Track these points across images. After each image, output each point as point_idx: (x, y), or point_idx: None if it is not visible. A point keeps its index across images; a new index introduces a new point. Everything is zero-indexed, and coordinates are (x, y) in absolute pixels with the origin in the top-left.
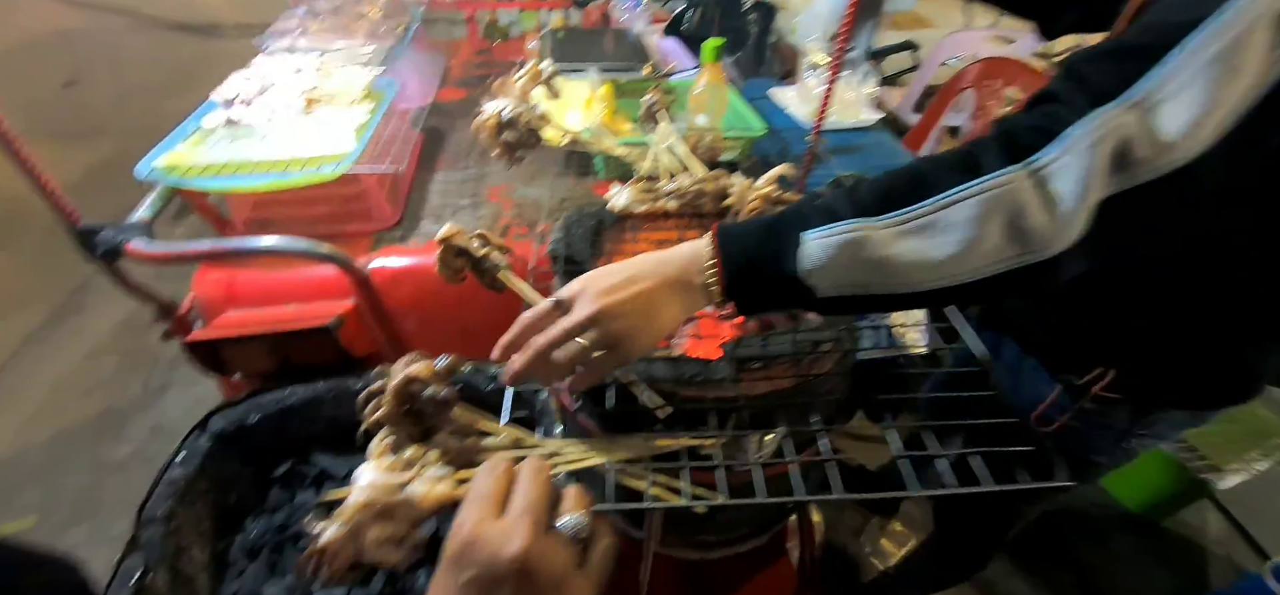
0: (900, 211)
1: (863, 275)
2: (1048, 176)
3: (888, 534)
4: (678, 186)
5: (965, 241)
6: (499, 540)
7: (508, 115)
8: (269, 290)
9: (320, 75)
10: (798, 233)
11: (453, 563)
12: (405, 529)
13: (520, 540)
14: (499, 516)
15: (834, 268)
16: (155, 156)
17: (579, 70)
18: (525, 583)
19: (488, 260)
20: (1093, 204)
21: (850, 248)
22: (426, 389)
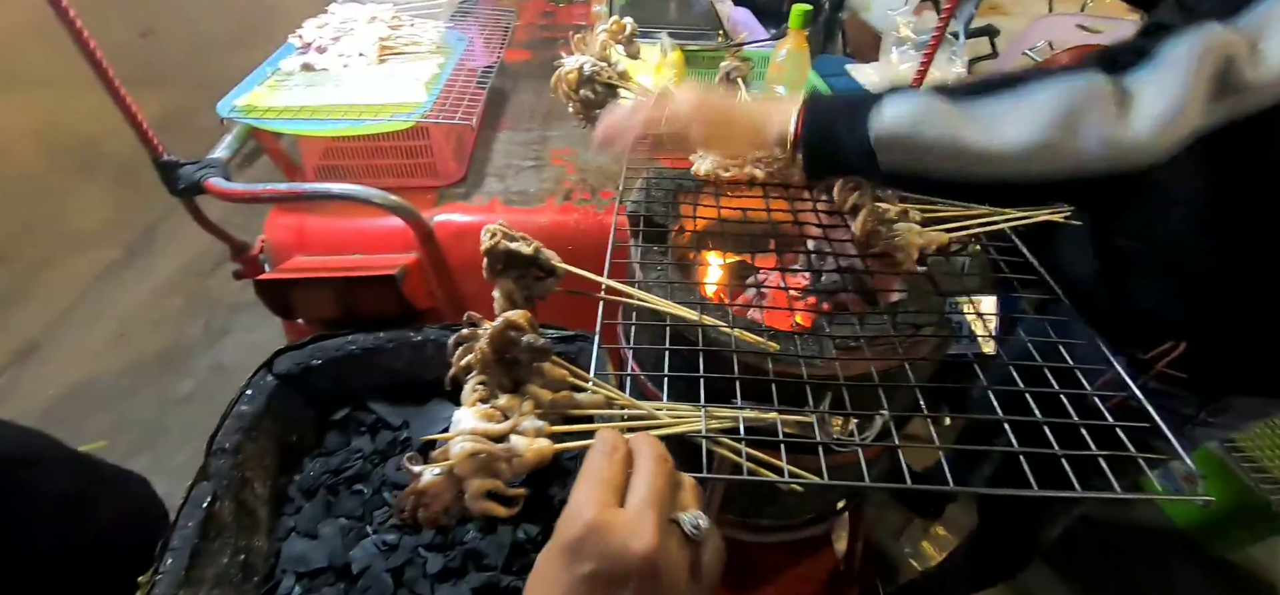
0: (978, 96)
1: (929, 145)
2: (1138, 90)
3: (930, 537)
4: (768, 155)
5: (1036, 132)
6: (624, 533)
7: (588, 71)
8: (336, 238)
9: (393, 25)
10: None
11: (569, 550)
12: (505, 482)
13: (648, 537)
14: (619, 504)
15: (903, 133)
16: (235, 97)
17: (650, 35)
18: (648, 584)
19: (540, 255)
20: (1189, 128)
21: (925, 115)
22: (524, 337)
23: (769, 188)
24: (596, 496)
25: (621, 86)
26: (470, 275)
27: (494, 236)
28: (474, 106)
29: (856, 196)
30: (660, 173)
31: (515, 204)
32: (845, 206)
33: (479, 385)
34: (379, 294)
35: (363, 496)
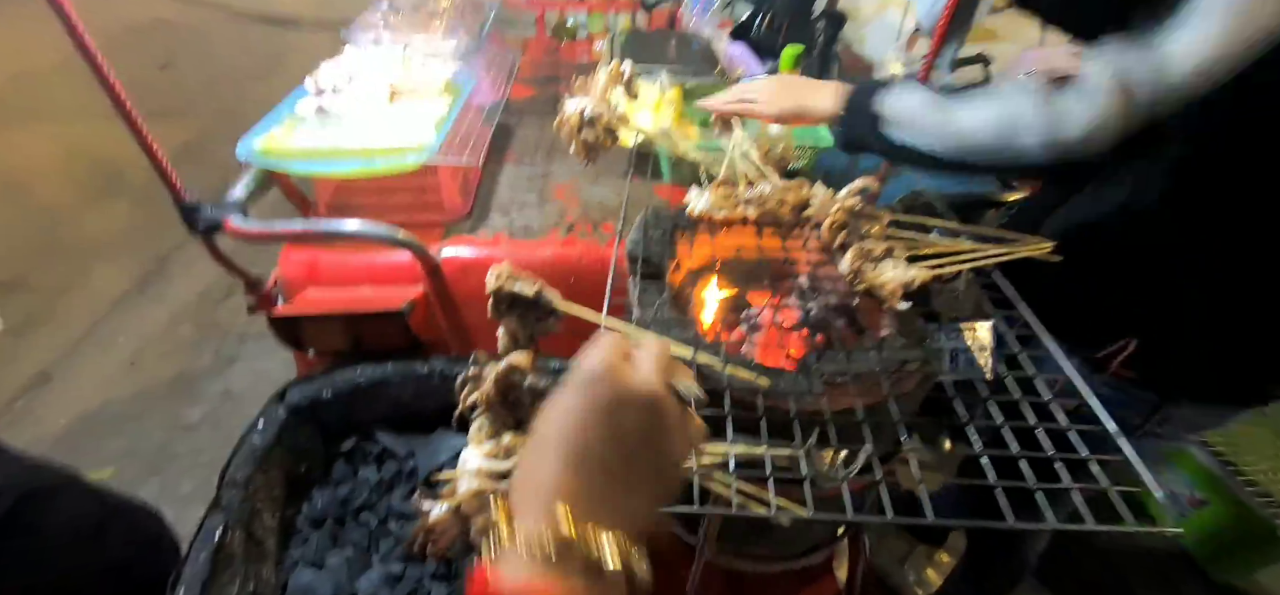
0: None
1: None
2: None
3: (934, 564)
4: (759, 194)
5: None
6: (634, 376)
7: (590, 114)
8: (347, 272)
9: (403, 68)
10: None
11: (586, 384)
12: None
13: (653, 381)
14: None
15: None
16: (253, 138)
17: (649, 73)
18: (649, 415)
19: (542, 296)
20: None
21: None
22: (526, 379)
23: (761, 226)
24: (610, 355)
25: (621, 127)
26: (475, 307)
27: (499, 279)
28: (480, 146)
29: (844, 234)
30: (658, 211)
31: (519, 238)
32: (834, 244)
33: (485, 423)
34: (387, 327)
35: (369, 527)
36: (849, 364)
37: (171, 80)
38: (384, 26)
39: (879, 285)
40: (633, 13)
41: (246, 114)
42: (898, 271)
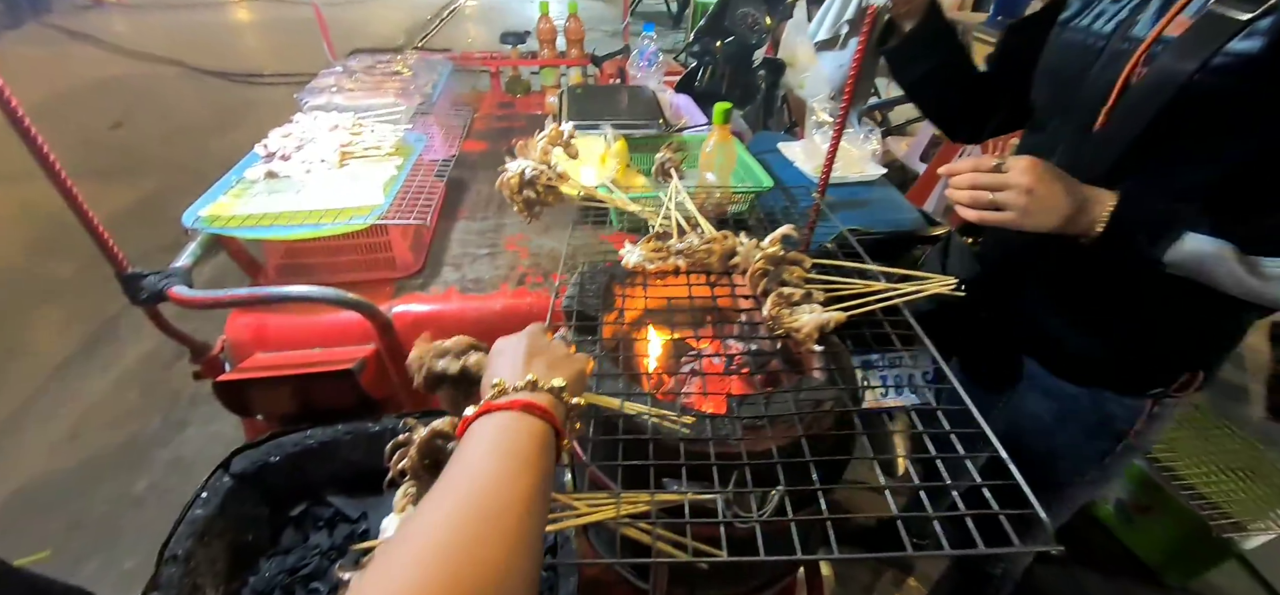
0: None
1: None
2: None
3: (903, 591)
4: (688, 246)
5: None
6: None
7: (529, 175)
8: (296, 334)
9: (354, 132)
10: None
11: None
12: None
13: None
14: None
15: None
16: (200, 207)
17: (595, 127)
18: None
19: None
20: None
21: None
22: (449, 443)
23: (691, 275)
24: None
25: (561, 186)
26: None
27: (421, 368)
28: (430, 203)
29: (765, 282)
30: (594, 266)
31: (470, 291)
32: (757, 291)
33: (409, 490)
34: (338, 388)
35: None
36: (766, 407)
37: (125, 138)
38: (336, 90)
39: (795, 329)
40: (583, 68)
41: (204, 169)
42: (813, 316)
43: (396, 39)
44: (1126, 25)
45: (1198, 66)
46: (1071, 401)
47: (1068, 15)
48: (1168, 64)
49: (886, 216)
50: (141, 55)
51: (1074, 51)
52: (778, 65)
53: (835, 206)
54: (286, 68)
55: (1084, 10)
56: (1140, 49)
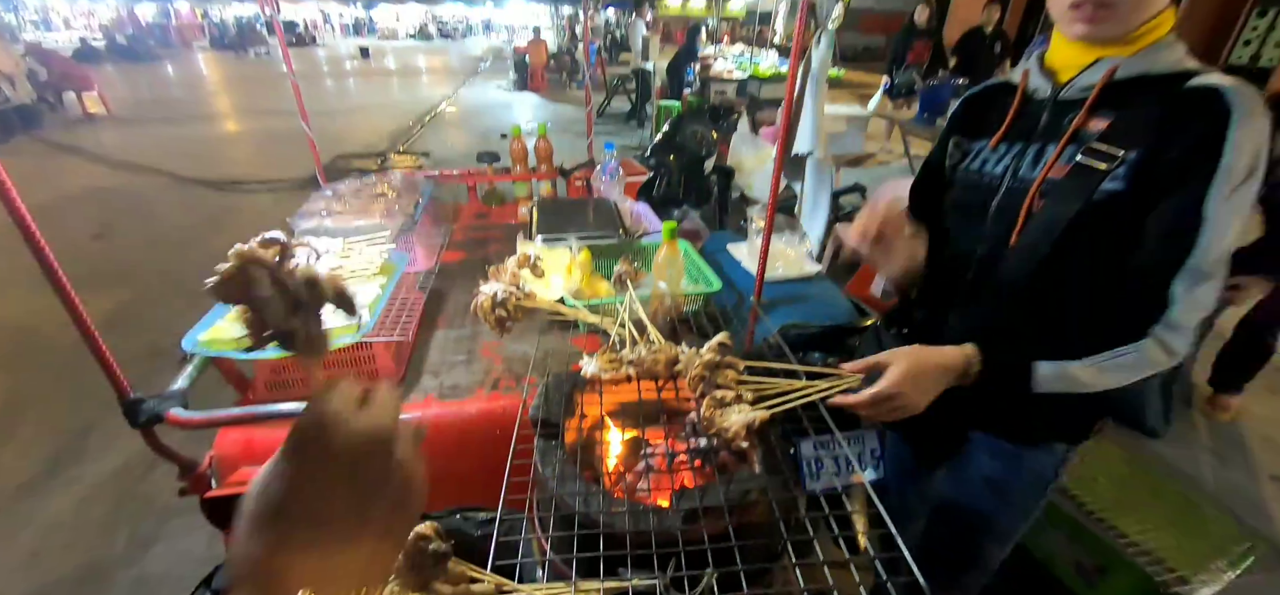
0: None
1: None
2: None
3: None
4: (638, 357)
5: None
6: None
7: (500, 297)
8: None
9: (343, 256)
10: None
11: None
12: None
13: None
14: None
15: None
16: (198, 332)
17: (561, 239)
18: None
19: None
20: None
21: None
22: (429, 545)
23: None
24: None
25: (528, 304)
26: None
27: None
28: (412, 318)
29: (702, 386)
30: (558, 377)
31: (448, 398)
32: (696, 394)
33: (393, 587)
34: None
35: None
36: (701, 499)
37: (106, 248)
38: (326, 213)
39: (726, 429)
40: (552, 181)
41: (185, 276)
42: (740, 416)
43: (379, 144)
44: (1014, 170)
45: (1079, 206)
46: (1011, 458)
47: (954, 163)
48: (1055, 204)
49: (823, 311)
50: (127, 166)
51: (975, 190)
52: (728, 171)
53: (778, 302)
54: (271, 176)
55: (969, 159)
56: (1032, 188)
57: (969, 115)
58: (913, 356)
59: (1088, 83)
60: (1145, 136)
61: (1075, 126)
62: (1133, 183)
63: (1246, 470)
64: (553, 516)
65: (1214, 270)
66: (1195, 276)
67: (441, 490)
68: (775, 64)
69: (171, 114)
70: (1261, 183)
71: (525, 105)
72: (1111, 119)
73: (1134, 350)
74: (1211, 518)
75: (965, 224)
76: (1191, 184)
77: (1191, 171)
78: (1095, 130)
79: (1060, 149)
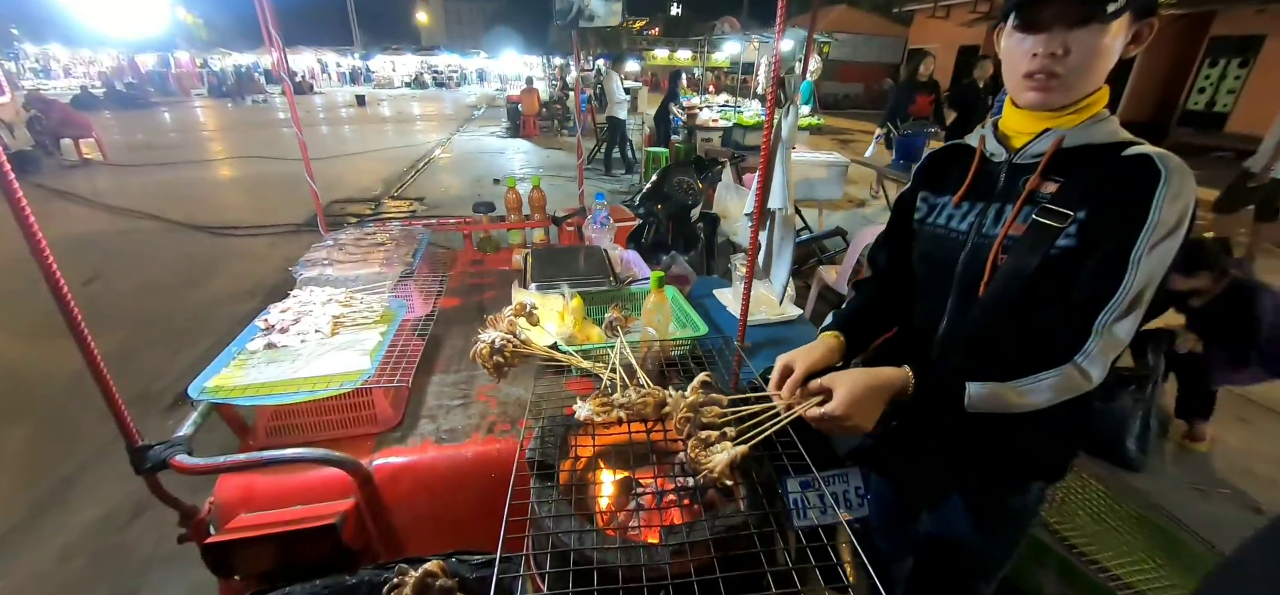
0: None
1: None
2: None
3: None
4: (628, 401)
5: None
6: None
7: (498, 344)
8: (281, 492)
9: (345, 304)
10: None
11: None
12: None
13: None
14: None
15: (986, 403)
16: (205, 379)
17: (554, 286)
18: None
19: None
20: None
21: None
22: (438, 582)
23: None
24: None
25: (524, 351)
26: (404, 511)
27: None
28: (410, 364)
29: (688, 427)
30: (553, 420)
31: (445, 441)
32: (682, 436)
33: None
34: (320, 544)
35: None
36: (687, 535)
37: (97, 293)
38: (328, 262)
39: (710, 467)
40: (546, 229)
41: (176, 322)
42: (724, 455)
43: (374, 189)
44: (977, 226)
45: (1039, 260)
46: (992, 497)
47: (922, 217)
48: (1016, 258)
49: None
50: (120, 211)
51: (942, 243)
52: (713, 218)
53: (761, 344)
54: (266, 220)
55: (934, 212)
56: (996, 244)
57: (934, 171)
58: (853, 379)
59: (1038, 150)
60: (1089, 198)
61: (1029, 188)
62: (1080, 239)
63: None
64: (549, 555)
65: (1131, 309)
66: (1115, 314)
67: (438, 533)
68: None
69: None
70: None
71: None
72: (1060, 183)
73: (1056, 374)
74: (1192, 549)
75: (934, 274)
76: (1121, 236)
77: (1124, 225)
78: (1047, 192)
79: (1017, 209)
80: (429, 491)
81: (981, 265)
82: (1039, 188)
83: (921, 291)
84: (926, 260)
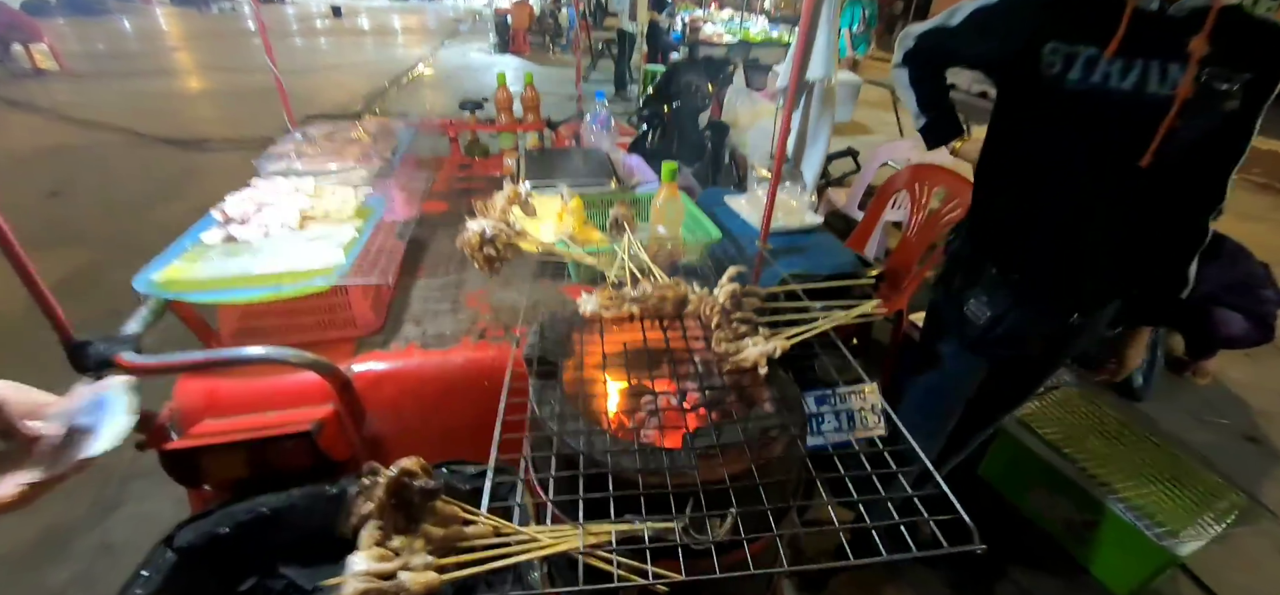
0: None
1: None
2: None
3: None
4: (642, 293)
5: None
6: None
7: (489, 233)
8: (249, 398)
9: (314, 196)
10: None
11: None
12: None
13: None
14: None
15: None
16: (151, 271)
17: (552, 186)
18: None
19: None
20: None
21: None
22: (416, 480)
23: (646, 321)
24: None
25: (519, 242)
26: (389, 419)
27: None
28: (391, 263)
29: (719, 317)
30: (554, 315)
31: (432, 346)
32: (713, 328)
33: (375, 529)
34: (295, 451)
35: None
36: (717, 436)
37: (61, 208)
38: (295, 156)
39: (743, 360)
40: (540, 132)
41: (145, 239)
42: (758, 347)
43: (354, 106)
44: (1140, 88)
45: (1217, 124)
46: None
47: (1057, 72)
48: (1190, 122)
49: (826, 261)
50: (85, 123)
51: (1093, 103)
52: (722, 127)
53: (778, 254)
54: (238, 134)
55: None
56: (1174, 108)
57: (1062, 12)
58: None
59: (1194, 5)
60: (1248, 61)
61: (1196, 48)
62: (1244, 102)
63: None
64: (554, 458)
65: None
66: (1238, 169)
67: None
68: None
69: (129, 69)
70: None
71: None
72: (1213, 43)
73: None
74: (1197, 474)
75: (1063, 142)
76: (1254, 101)
77: (1261, 90)
78: (1200, 52)
79: (1193, 69)
80: (416, 399)
81: (1145, 130)
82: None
83: (1029, 170)
84: (1061, 124)
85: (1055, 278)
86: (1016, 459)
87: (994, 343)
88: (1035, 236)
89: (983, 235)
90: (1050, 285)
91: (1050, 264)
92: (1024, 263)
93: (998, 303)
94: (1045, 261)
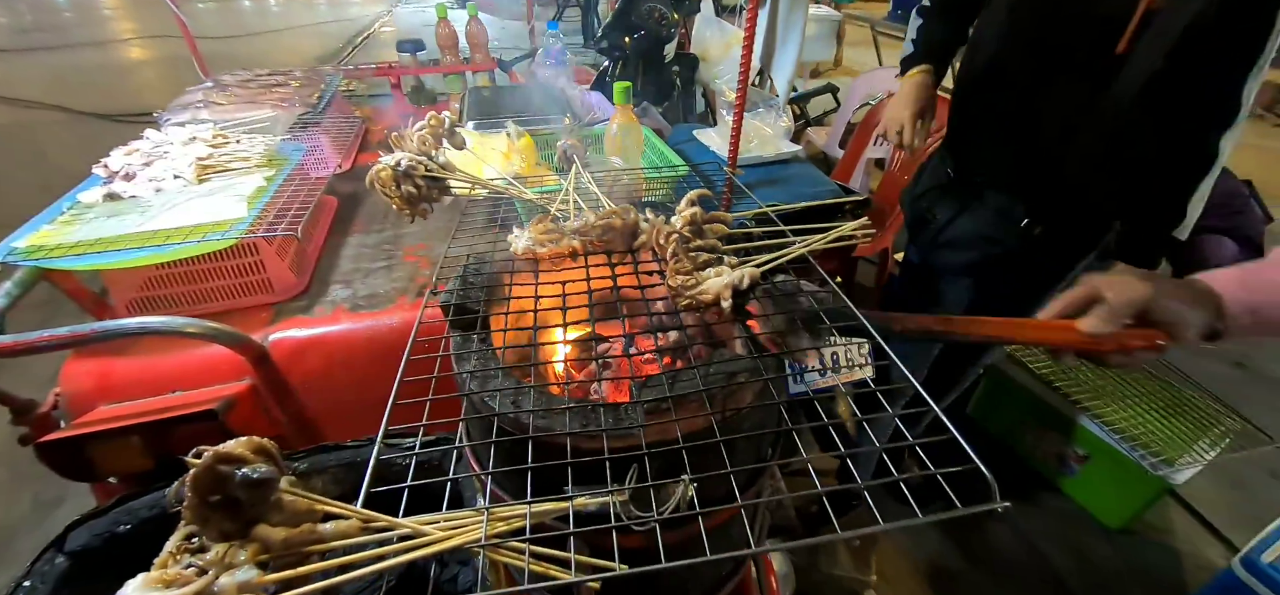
0: None
1: None
2: None
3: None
4: (583, 223)
5: None
6: None
7: (405, 166)
8: (151, 379)
9: (215, 144)
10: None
11: None
12: None
13: None
14: None
15: None
16: (17, 238)
17: (497, 125)
18: None
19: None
20: None
21: None
22: (242, 470)
23: (590, 258)
24: None
25: (446, 177)
26: (317, 392)
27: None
28: (307, 215)
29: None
30: (480, 257)
31: (362, 308)
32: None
33: (182, 541)
34: (201, 434)
35: None
36: (670, 388)
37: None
38: (204, 105)
39: (701, 292)
40: (490, 72)
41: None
42: (721, 278)
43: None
44: None
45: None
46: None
47: None
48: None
49: (805, 190)
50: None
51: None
52: (691, 60)
53: (755, 184)
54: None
55: None
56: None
57: None
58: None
59: None
60: None
61: None
62: None
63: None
64: (474, 424)
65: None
66: (1257, 75)
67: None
68: None
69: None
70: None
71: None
72: None
73: (1218, 165)
74: (1190, 401)
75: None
76: None
77: None
78: None
79: None
80: (346, 367)
81: (1118, 16)
82: None
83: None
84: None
85: (1013, 181)
86: (1005, 396)
87: (944, 246)
88: (996, 132)
89: (950, 141)
90: (1006, 187)
91: (1009, 164)
92: (983, 162)
93: (950, 205)
94: (1003, 161)
